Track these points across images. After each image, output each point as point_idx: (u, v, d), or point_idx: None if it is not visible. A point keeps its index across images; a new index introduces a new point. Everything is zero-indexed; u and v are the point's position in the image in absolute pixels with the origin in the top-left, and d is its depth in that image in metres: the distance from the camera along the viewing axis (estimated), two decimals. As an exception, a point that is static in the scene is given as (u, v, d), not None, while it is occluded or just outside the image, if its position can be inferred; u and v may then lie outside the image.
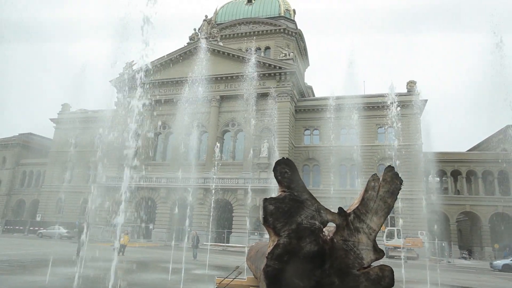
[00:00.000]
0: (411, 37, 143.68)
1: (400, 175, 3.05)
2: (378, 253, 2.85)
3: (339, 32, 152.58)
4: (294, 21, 66.12)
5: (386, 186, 2.96)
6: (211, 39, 49.90)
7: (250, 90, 43.49)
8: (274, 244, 2.74)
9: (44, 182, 57.90)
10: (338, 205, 3.26)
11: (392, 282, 2.79)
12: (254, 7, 67.23)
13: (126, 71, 47.95)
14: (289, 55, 48.04)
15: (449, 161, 46.34)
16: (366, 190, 2.96)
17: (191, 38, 51.87)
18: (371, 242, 2.85)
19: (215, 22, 59.37)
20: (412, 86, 45.93)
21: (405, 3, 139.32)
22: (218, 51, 48.99)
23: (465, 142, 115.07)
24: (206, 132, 47.67)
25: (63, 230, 40.79)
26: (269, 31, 62.73)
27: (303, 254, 2.73)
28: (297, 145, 47.99)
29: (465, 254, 44.19)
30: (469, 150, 57.25)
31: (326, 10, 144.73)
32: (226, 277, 4.85)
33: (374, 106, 44.82)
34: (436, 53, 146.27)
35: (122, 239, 23.29)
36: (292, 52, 50.65)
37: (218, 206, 42.63)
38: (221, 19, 67.23)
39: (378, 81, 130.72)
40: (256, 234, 38.74)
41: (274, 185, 32.80)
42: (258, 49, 59.82)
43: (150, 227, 44.13)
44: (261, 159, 43.33)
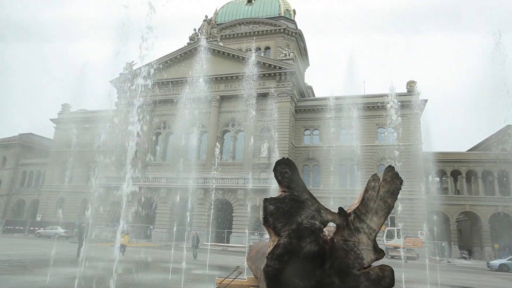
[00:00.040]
0: (411, 37, 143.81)
1: (400, 175, 3.05)
2: (379, 253, 2.85)
3: (339, 32, 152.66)
4: (294, 21, 66.13)
5: (386, 186, 2.96)
6: (211, 39, 49.88)
7: (250, 90, 43.49)
8: (275, 244, 2.74)
9: (44, 182, 57.90)
10: (338, 205, 3.26)
11: (392, 282, 2.79)
12: (254, 7, 67.23)
13: (126, 71, 48.02)
14: (289, 55, 48.04)
15: (449, 161, 46.35)
16: (366, 190, 2.96)
17: (191, 38, 51.87)
18: (372, 242, 2.85)
19: (215, 22, 59.34)
20: (412, 86, 45.94)
21: (405, 3, 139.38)
22: (218, 51, 48.97)
23: (465, 142, 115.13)
24: (206, 132, 47.66)
25: (61, 230, 41.31)
26: (269, 31, 62.74)
27: (304, 254, 2.73)
28: (297, 145, 47.99)
29: (465, 254, 44.19)
30: (469, 150, 57.25)
31: (326, 10, 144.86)
32: (227, 277, 4.86)
33: (374, 106, 44.83)
34: (436, 53, 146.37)
35: (122, 239, 23.28)
36: (292, 52, 50.65)
37: (218, 206, 42.62)
38: (221, 19, 67.23)
39: (378, 81, 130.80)
40: (256, 234, 38.73)
41: (274, 185, 32.81)
42: (258, 49, 59.82)
43: (150, 227, 44.13)
44: (261, 159, 43.33)
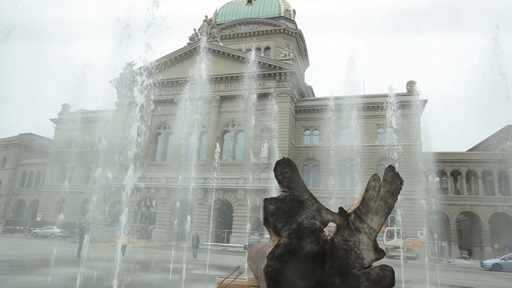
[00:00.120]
0: (411, 37, 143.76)
1: (400, 175, 3.05)
2: (379, 253, 2.85)
3: (339, 32, 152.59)
4: (294, 21, 66.12)
5: (387, 186, 2.96)
6: (211, 40, 49.86)
7: (250, 90, 43.47)
8: (275, 244, 2.74)
9: (44, 182, 57.88)
10: (338, 205, 3.26)
11: (392, 282, 2.79)
12: (254, 7, 67.22)
13: (126, 72, 47.99)
14: (289, 55, 48.03)
15: (449, 161, 46.34)
16: (366, 190, 2.96)
17: (191, 38, 51.85)
18: (372, 242, 2.85)
19: (215, 23, 59.35)
20: (412, 86, 45.94)
21: (405, 3, 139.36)
22: (218, 52, 48.96)
23: (465, 142, 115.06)
24: (206, 132, 47.64)
25: (57, 230, 41.53)
26: (269, 31, 62.72)
27: (304, 254, 2.73)
28: (297, 145, 47.98)
29: (465, 254, 44.17)
30: (469, 150, 57.23)
31: (326, 10, 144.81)
32: (227, 277, 4.86)
33: (374, 106, 44.77)
34: (436, 53, 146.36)
35: (123, 239, 23.25)
36: (292, 52, 50.64)
37: (218, 206, 42.62)
38: (221, 20, 67.22)
39: (378, 81, 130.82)
40: (256, 234, 38.71)
41: (274, 185, 32.84)
42: (258, 49, 59.79)
43: (150, 227, 44.12)
44: (261, 159, 43.32)
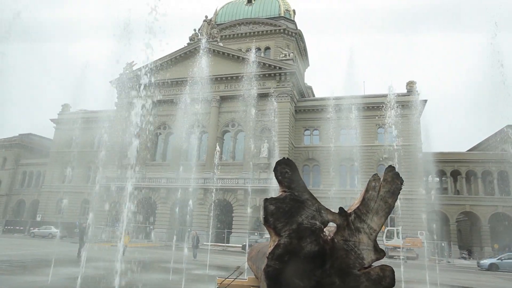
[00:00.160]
0: (411, 37, 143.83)
1: (400, 175, 3.05)
2: (379, 253, 2.85)
3: (339, 32, 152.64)
4: (294, 21, 66.14)
5: (387, 186, 2.96)
6: (211, 40, 49.87)
7: (250, 90, 43.46)
8: (275, 244, 2.74)
9: (44, 182, 57.88)
10: (338, 205, 3.26)
11: (393, 282, 2.79)
12: (254, 8, 67.24)
13: (126, 72, 47.99)
14: (289, 56, 48.04)
15: (448, 161, 46.34)
16: (366, 190, 2.96)
17: (191, 38, 51.86)
18: (372, 242, 2.85)
19: (215, 23, 59.35)
20: (412, 87, 45.95)
21: (405, 3, 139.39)
22: (218, 52, 48.96)
23: (465, 142, 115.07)
24: (206, 132, 47.65)
25: (55, 230, 41.51)
26: (269, 32, 62.73)
27: (304, 254, 2.73)
28: (297, 145, 47.99)
29: (464, 254, 44.17)
30: (469, 150, 57.23)
31: (326, 10, 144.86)
32: (227, 277, 4.86)
33: (374, 107, 44.80)
34: (436, 53, 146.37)
35: (123, 239, 23.26)
36: (292, 52, 50.65)
37: (218, 206, 42.62)
38: (221, 20, 67.23)
39: (378, 81, 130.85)
40: (256, 234, 38.73)
41: (274, 185, 32.82)
42: (258, 49, 59.80)
43: (150, 227, 44.12)
44: (261, 159, 43.34)
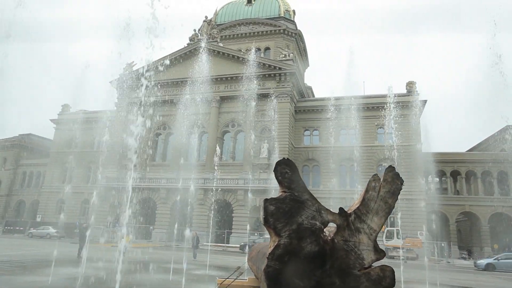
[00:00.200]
0: (411, 37, 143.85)
1: (400, 176, 3.06)
2: (379, 253, 2.86)
3: (339, 32, 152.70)
4: (294, 21, 66.16)
5: (387, 186, 2.96)
6: (211, 40, 49.86)
7: (250, 90, 43.49)
8: (275, 244, 2.74)
9: (44, 182, 57.83)
10: (338, 205, 3.26)
11: (393, 282, 2.80)
12: (254, 8, 67.25)
13: (126, 72, 47.96)
14: (289, 56, 48.04)
15: (448, 161, 46.32)
16: (367, 191, 2.96)
17: (191, 39, 51.83)
18: (372, 243, 2.86)
19: (215, 23, 59.35)
20: (411, 87, 45.94)
21: (405, 3, 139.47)
22: (218, 52, 48.95)
23: (465, 142, 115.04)
24: (206, 132, 47.64)
25: (52, 230, 41.69)
26: (269, 32, 62.75)
27: (304, 254, 2.73)
28: (297, 145, 47.97)
29: (464, 254, 44.14)
30: (468, 150, 57.24)
31: (326, 10, 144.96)
32: (228, 277, 4.86)
33: (373, 107, 44.81)
34: (436, 53, 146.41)
35: (123, 240, 23.24)
36: (292, 52, 50.66)
37: (218, 207, 42.61)
38: (221, 20, 67.24)
39: (378, 81, 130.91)
40: (256, 234, 38.72)
41: (274, 185, 32.81)
42: (258, 49, 59.79)
43: (150, 228, 44.09)
44: (261, 160, 43.33)
